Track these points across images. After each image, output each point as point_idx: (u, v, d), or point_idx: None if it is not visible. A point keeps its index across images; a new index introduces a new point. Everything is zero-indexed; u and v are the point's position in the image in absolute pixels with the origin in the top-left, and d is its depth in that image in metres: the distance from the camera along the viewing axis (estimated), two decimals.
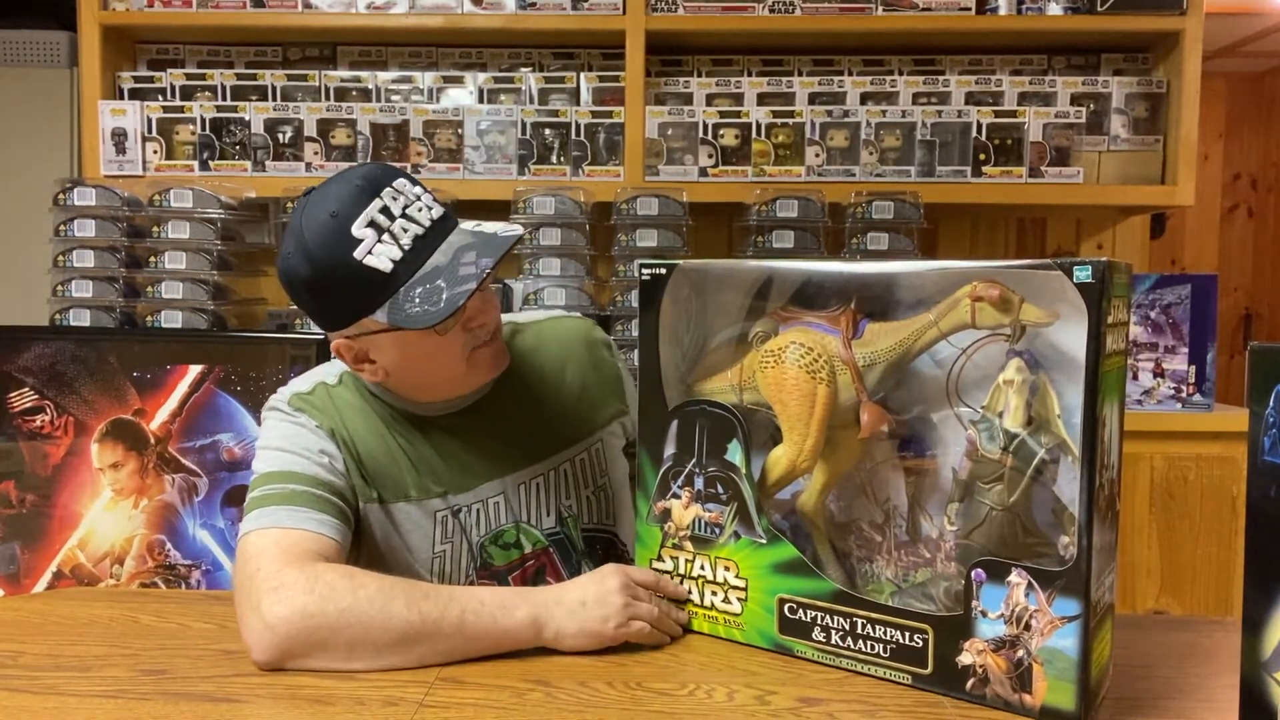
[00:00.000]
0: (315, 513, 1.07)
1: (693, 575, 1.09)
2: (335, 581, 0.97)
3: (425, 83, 2.52)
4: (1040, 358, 0.87)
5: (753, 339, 1.04)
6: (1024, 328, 0.85)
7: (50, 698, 0.92)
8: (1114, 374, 0.87)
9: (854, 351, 0.96)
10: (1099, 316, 0.82)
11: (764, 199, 2.31)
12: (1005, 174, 2.39)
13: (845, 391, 0.98)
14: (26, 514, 2.11)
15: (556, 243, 2.30)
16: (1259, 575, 0.74)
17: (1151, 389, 2.18)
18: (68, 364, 2.13)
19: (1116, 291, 0.85)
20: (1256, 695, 0.74)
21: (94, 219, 2.32)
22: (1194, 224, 4.29)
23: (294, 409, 1.17)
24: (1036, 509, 0.88)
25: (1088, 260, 0.82)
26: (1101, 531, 0.85)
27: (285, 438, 1.14)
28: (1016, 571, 0.86)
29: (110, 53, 2.49)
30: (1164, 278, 2.19)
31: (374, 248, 1.05)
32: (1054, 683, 0.84)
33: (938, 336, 0.91)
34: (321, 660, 0.97)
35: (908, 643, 0.93)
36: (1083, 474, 0.83)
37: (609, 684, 0.95)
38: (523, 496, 1.23)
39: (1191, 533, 2.16)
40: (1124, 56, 2.57)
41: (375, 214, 1.05)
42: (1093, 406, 0.82)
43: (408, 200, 1.08)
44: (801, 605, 1.00)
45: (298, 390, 1.20)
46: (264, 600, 0.97)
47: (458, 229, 1.11)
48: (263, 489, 1.09)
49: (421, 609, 0.97)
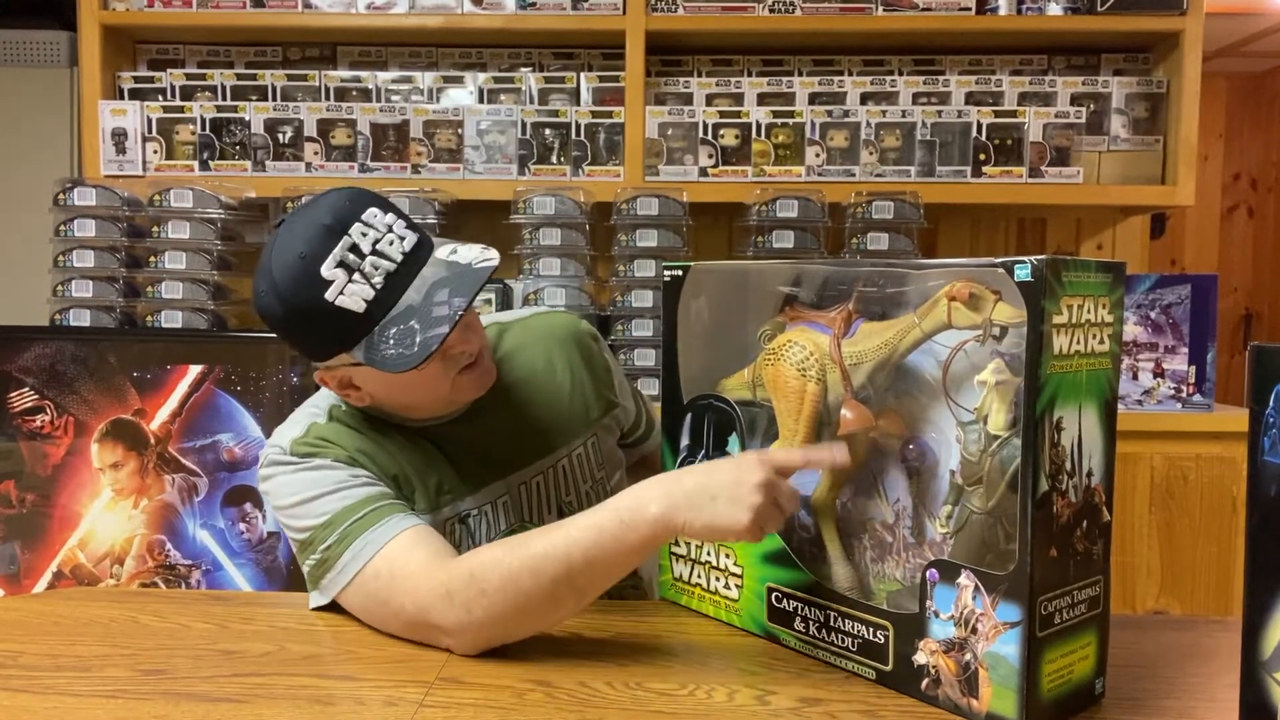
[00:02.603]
0: (396, 517, 1.06)
1: (702, 560, 1.15)
2: (477, 562, 1.00)
3: (425, 83, 2.52)
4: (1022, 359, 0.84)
5: (760, 337, 1.07)
6: (1003, 328, 0.84)
7: (50, 698, 0.92)
8: (1084, 375, 0.85)
9: (843, 350, 0.98)
10: (1040, 315, 0.81)
11: (764, 199, 2.31)
12: (1005, 174, 2.39)
13: (835, 390, 1.00)
14: (26, 514, 2.11)
15: (556, 243, 2.30)
16: (1259, 575, 0.74)
17: (1151, 389, 2.18)
18: (68, 364, 2.13)
19: (1081, 290, 0.84)
20: (1256, 695, 0.74)
21: (94, 219, 2.32)
22: (1194, 224, 4.29)
23: (302, 456, 1.12)
24: (1014, 511, 0.86)
25: (1028, 259, 0.81)
26: (1057, 544, 0.84)
27: (315, 484, 1.09)
28: (965, 574, 0.86)
29: (110, 53, 2.49)
30: (1164, 278, 2.19)
31: (345, 288, 1.03)
32: (998, 689, 0.84)
33: (921, 337, 0.91)
34: (515, 632, 1.01)
35: (871, 638, 0.95)
36: (1025, 477, 0.82)
37: (609, 684, 0.95)
38: (525, 496, 1.24)
39: (1191, 533, 2.16)
40: (1124, 56, 2.57)
41: (344, 253, 1.03)
42: (1032, 408, 0.81)
43: (378, 234, 1.05)
44: (786, 595, 1.04)
45: (294, 437, 1.14)
46: (434, 611, 0.99)
47: (431, 260, 1.08)
48: (341, 527, 1.06)
49: (539, 570, 0.97)
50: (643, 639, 1.08)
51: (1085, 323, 0.85)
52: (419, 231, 1.10)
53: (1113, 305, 0.89)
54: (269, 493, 1.13)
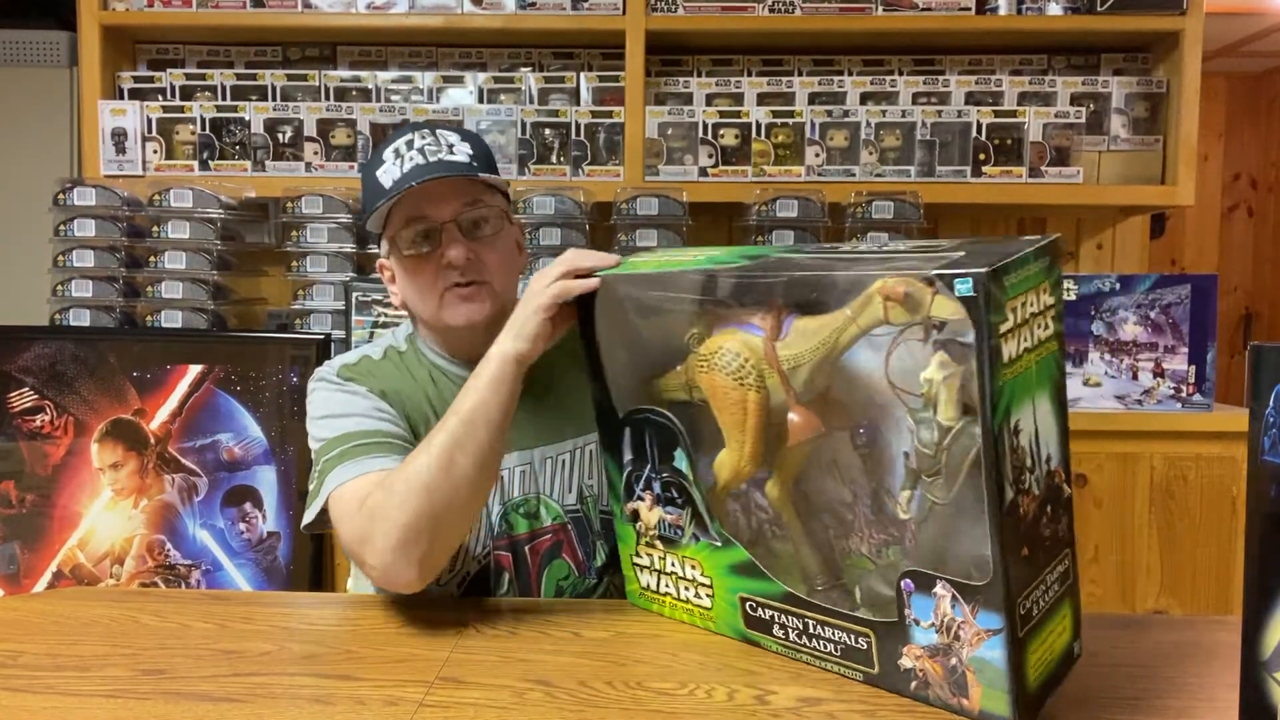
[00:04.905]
0: (387, 457, 1.13)
1: (667, 571, 1.12)
2: (389, 480, 1.07)
3: (425, 83, 2.52)
4: (967, 347, 0.81)
5: (689, 340, 1.03)
6: (943, 322, 0.80)
7: (50, 698, 0.92)
8: (1034, 369, 0.84)
9: (779, 353, 0.94)
10: (986, 330, 0.77)
11: (764, 199, 2.31)
12: (1005, 174, 2.39)
13: (776, 394, 0.97)
14: (26, 514, 2.11)
15: (556, 243, 2.30)
16: (1259, 575, 0.74)
17: (1151, 389, 2.18)
18: (68, 364, 2.13)
19: (1022, 287, 0.81)
20: (1256, 695, 0.74)
21: (94, 219, 2.32)
22: (1194, 224, 4.29)
23: (343, 379, 1.24)
24: (978, 502, 0.85)
25: (969, 271, 0.77)
26: (1028, 541, 0.83)
27: (341, 404, 1.20)
28: (941, 584, 0.85)
29: (110, 53, 2.49)
30: (1164, 278, 2.19)
31: (387, 168, 1.21)
32: (987, 690, 0.84)
33: (858, 333, 0.88)
34: (432, 527, 1.05)
35: (854, 644, 0.93)
36: (991, 491, 0.79)
37: (609, 684, 0.95)
38: (548, 470, 1.27)
39: (1191, 533, 2.16)
40: (1124, 56, 2.57)
41: (400, 144, 1.22)
42: (990, 423, 0.79)
43: (435, 143, 1.21)
44: (760, 604, 1.02)
45: (345, 362, 1.27)
46: (362, 532, 1.07)
47: (456, 167, 1.21)
48: (338, 449, 1.15)
49: (436, 440, 1.07)
50: (643, 639, 1.08)
51: (1030, 317, 0.82)
52: (474, 159, 1.22)
53: (1052, 286, 0.86)
54: (309, 403, 1.24)
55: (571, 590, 1.27)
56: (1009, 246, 0.82)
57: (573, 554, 1.27)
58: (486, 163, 1.25)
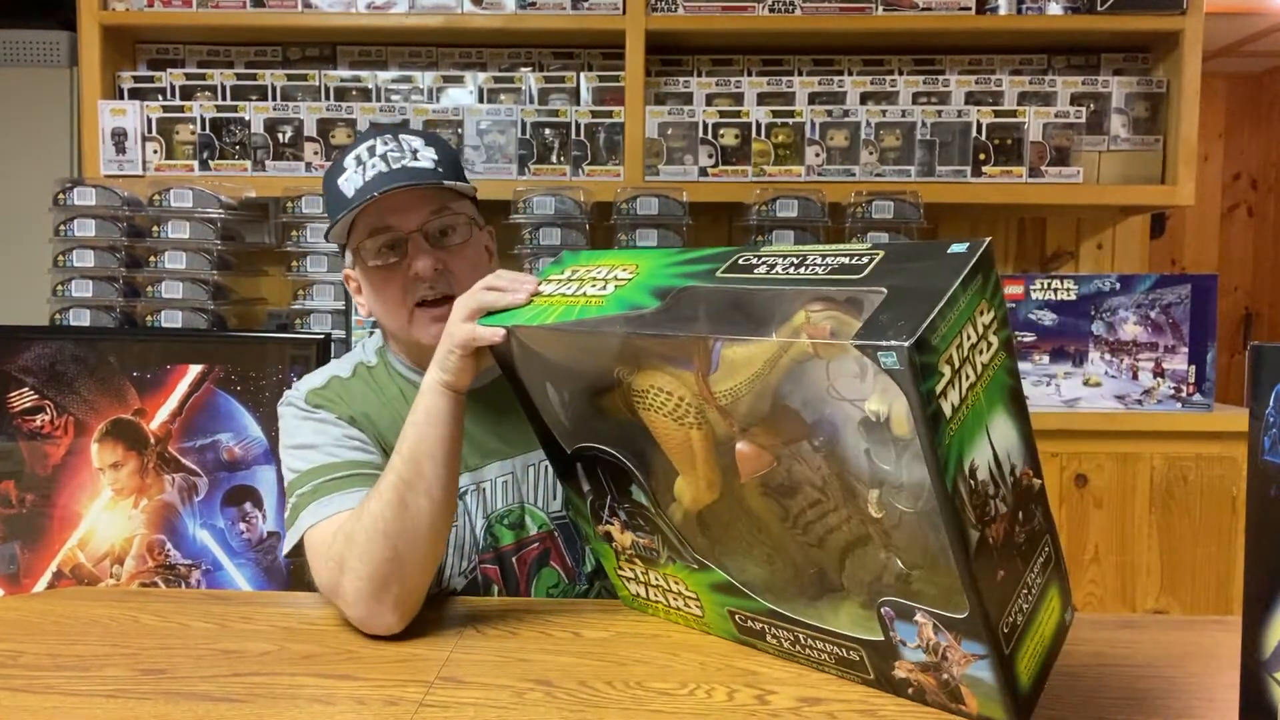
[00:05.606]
0: (359, 490, 1.11)
1: (653, 584, 1.11)
2: (349, 528, 1.06)
3: (425, 82, 2.52)
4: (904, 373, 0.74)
5: (618, 376, 0.96)
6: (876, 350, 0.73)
7: (50, 698, 0.92)
8: (982, 397, 0.77)
9: (713, 389, 0.88)
10: (919, 400, 0.70)
11: (764, 199, 2.31)
12: (1005, 174, 2.39)
13: (720, 426, 0.91)
14: (26, 514, 2.11)
15: (556, 243, 2.30)
16: (1259, 575, 0.74)
17: (1151, 389, 2.18)
18: (68, 364, 2.13)
19: (957, 326, 0.74)
20: (1256, 695, 0.74)
21: (94, 219, 2.32)
22: (1194, 224, 4.29)
23: (311, 406, 1.20)
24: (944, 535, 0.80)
25: (892, 344, 0.69)
26: (1003, 564, 0.81)
27: (310, 434, 1.18)
28: (920, 613, 0.83)
29: (110, 53, 2.49)
30: (1164, 278, 2.19)
31: (349, 176, 1.17)
32: (982, 700, 0.84)
33: (791, 365, 0.82)
34: (399, 570, 1.04)
35: (846, 655, 0.93)
36: (955, 543, 0.76)
37: (609, 684, 0.95)
38: (531, 477, 1.25)
39: (1191, 532, 2.16)
40: (1124, 56, 2.57)
41: (362, 151, 1.18)
42: (943, 484, 0.74)
43: (399, 149, 1.18)
44: (749, 617, 1.01)
45: (313, 386, 1.24)
46: (333, 583, 1.06)
47: (421, 174, 1.17)
48: (310, 484, 1.13)
49: (385, 482, 1.06)
50: (643, 639, 1.08)
51: (969, 351, 0.75)
52: (439, 164, 1.18)
53: (989, 299, 0.77)
54: (280, 427, 1.23)
55: (562, 597, 1.26)
56: (931, 279, 0.74)
57: (561, 561, 1.26)
58: (452, 168, 1.21)
